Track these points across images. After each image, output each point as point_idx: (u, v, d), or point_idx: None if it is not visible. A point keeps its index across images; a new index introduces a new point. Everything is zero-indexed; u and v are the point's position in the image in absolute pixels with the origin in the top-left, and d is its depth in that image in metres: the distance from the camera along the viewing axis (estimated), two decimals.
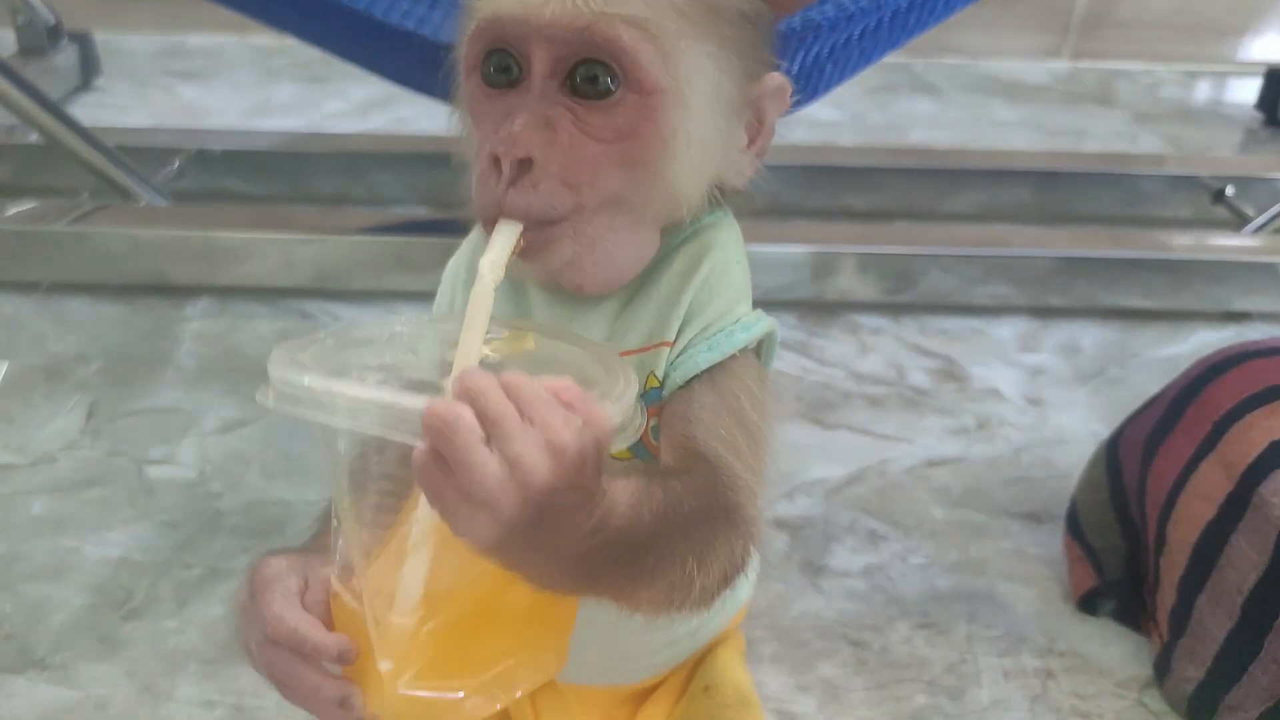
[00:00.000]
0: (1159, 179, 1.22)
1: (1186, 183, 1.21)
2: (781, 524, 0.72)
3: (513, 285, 0.40)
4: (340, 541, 0.33)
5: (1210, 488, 0.54)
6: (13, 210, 1.00)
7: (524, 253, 0.33)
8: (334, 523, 0.34)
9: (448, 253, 1.05)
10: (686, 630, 0.46)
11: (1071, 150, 1.43)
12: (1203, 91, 1.71)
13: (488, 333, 0.32)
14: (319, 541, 0.35)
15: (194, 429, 0.79)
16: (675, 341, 0.38)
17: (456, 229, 0.40)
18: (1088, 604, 0.65)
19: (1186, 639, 0.55)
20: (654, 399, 0.38)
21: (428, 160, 1.20)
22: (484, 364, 0.32)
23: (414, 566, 0.32)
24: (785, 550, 0.70)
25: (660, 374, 0.38)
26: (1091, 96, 1.66)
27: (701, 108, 0.35)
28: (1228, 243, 1.06)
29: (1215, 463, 0.54)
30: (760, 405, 0.38)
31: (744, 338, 0.38)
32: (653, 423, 0.38)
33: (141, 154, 1.10)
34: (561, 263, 0.35)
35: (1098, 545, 0.65)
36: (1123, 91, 1.69)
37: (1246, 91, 1.64)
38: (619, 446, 0.31)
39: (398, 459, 0.34)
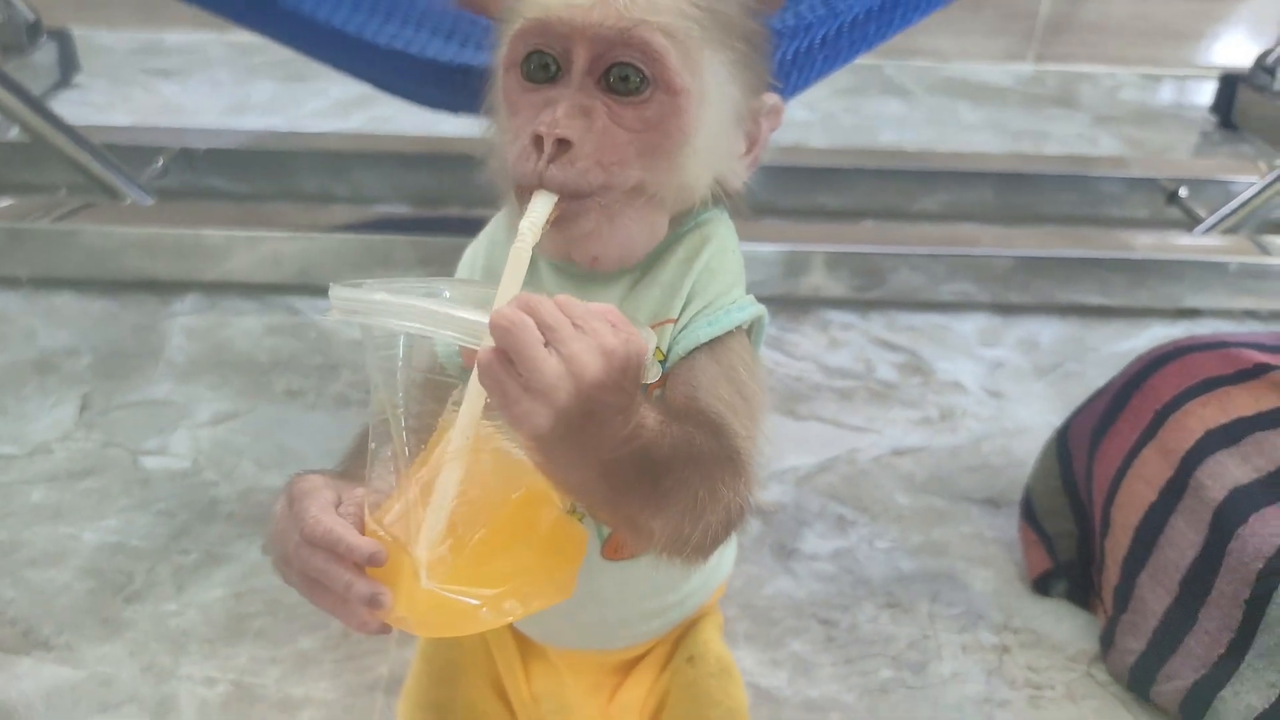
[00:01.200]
0: (1117, 180, 1.27)
1: (1143, 184, 1.26)
2: (754, 510, 0.76)
3: (531, 273, 0.43)
4: (377, 467, 0.36)
5: (1151, 473, 0.58)
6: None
7: (556, 221, 0.37)
8: (371, 447, 0.37)
9: (429, 249, 1.07)
10: (675, 598, 0.49)
11: (1034, 152, 1.48)
12: (1161, 94, 1.76)
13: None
14: (351, 470, 0.39)
15: (186, 421, 0.82)
16: (678, 319, 0.42)
17: (436, 226, 0.43)
18: (1041, 585, 0.69)
19: (1129, 614, 0.59)
20: (661, 370, 0.42)
21: (408, 159, 1.23)
22: None
23: (447, 480, 0.35)
24: (758, 534, 0.73)
25: (665, 348, 0.41)
26: (1054, 99, 1.71)
27: (715, 110, 0.39)
28: (1180, 242, 1.11)
29: (1155, 449, 0.58)
30: (754, 376, 0.42)
31: (739, 316, 0.42)
32: (658, 393, 0.41)
33: (126, 152, 1.12)
34: (586, 232, 0.39)
35: (1051, 530, 0.69)
36: (1084, 94, 1.74)
37: (1203, 94, 1.70)
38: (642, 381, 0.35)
39: (436, 393, 0.37)
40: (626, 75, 0.37)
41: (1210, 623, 0.54)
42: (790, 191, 1.24)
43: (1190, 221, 1.18)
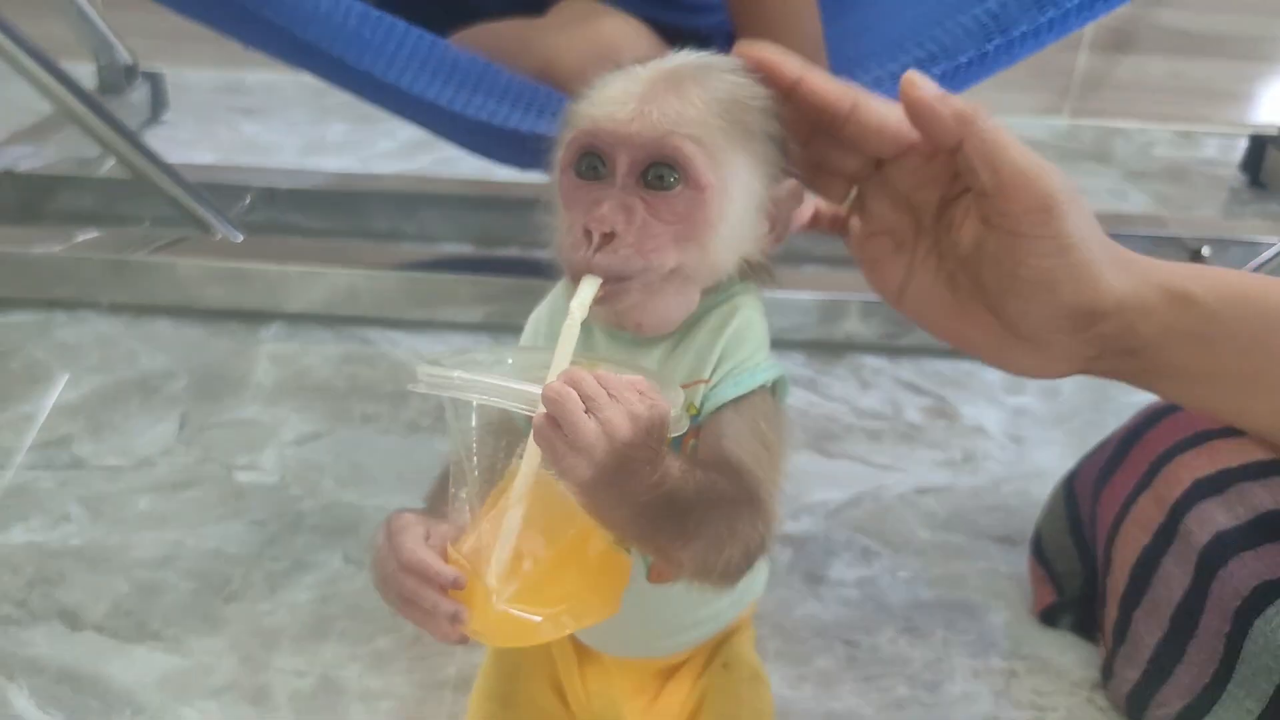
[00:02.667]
0: (1144, 238, 1.32)
1: (1169, 242, 1.32)
2: (786, 539, 0.83)
3: (584, 335, 0.51)
4: (455, 508, 0.45)
5: (1146, 518, 0.64)
6: (94, 238, 1.11)
7: (601, 299, 0.45)
8: (451, 491, 0.45)
9: (489, 288, 1.15)
10: (710, 613, 0.56)
11: None
12: (1193, 151, 1.81)
13: (573, 359, 0.44)
14: (435, 508, 0.48)
15: (274, 440, 0.90)
16: (710, 379, 0.49)
17: (497, 267, 0.50)
18: (1047, 617, 0.75)
19: (1126, 646, 0.65)
20: (694, 424, 0.49)
21: (471, 201, 1.32)
22: None
23: (512, 519, 0.43)
24: (789, 562, 0.80)
25: (698, 404, 0.49)
26: (1088, 154, 1.77)
27: (737, 201, 0.46)
28: None
29: (1150, 497, 0.64)
30: (776, 429, 0.49)
31: (763, 377, 0.49)
32: (692, 443, 0.49)
33: (216, 189, 1.22)
34: (629, 306, 0.46)
35: (1058, 568, 0.75)
36: (1118, 149, 1.80)
37: (1235, 153, 1.75)
38: (671, 434, 0.43)
39: (504, 445, 0.45)
40: (661, 175, 0.44)
41: (1197, 655, 0.60)
42: (827, 241, 1.30)
43: None
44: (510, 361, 0.47)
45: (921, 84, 0.47)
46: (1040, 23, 0.74)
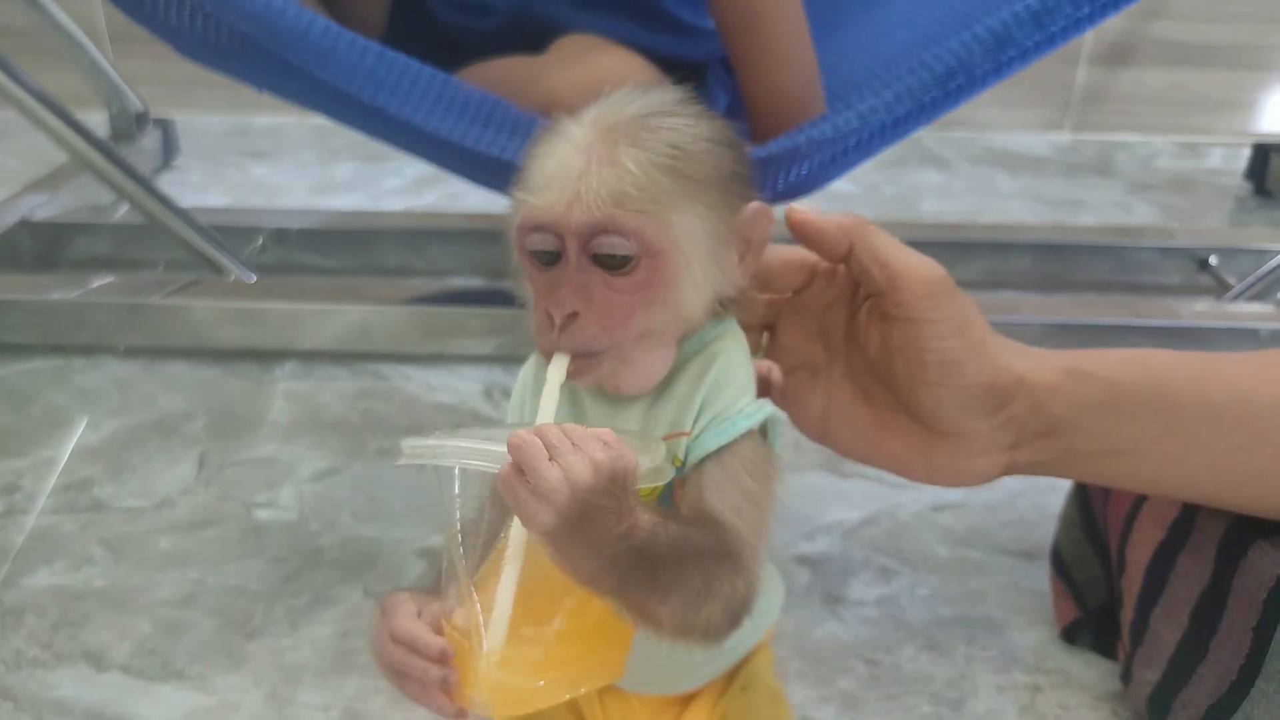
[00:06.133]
0: (1150, 249, 1.33)
1: (1176, 253, 1.32)
2: (804, 560, 0.83)
3: (570, 392, 0.51)
4: (449, 581, 0.46)
5: (1160, 514, 0.64)
6: (109, 283, 1.13)
7: (574, 374, 0.46)
8: (444, 564, 0.46)
9: (499, 320, 1.16)
10: (729, 645, 0.56)
11: (1070, 221, 1.55)
12: (1196, 162, 1.82)
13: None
14: (434, 589, 0.48)
15: (291, 477, 0.91)
16: (692, 430, 0.48)
17: (506, 299, 0.51)
18: (1069, 635, 0.74)
19: (1144, 648, 0.65)
20: (679, 475, 0.49)
21: (478, 235, 1.33)
22: None
23: (505, 581, 0.43)
24: (807, 583, 0.80)
25: (681, 455, 0.49)
26: (1091, 167, 1.78)
27: (696, 253, 0.46)
28: (1210, 308, 1.17)
29: None
30: (761, 478, 0.48)
31: (744, 425, 0.48)
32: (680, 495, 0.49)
33: (228, 231, 1.24)
34: (604, 376, 0.47)
35: (1079, 577, 0.75)
36: (1121, 162, 1.81)
37: (1238, 162, 1.76)
38: (651, 484, 0.43)
39: (499, 514, 0.46)
40: (612, 253, 0.44)
41: (1221, 651, 0.60)
42: None
43: (1220, 289, 1.24)
44: (495, 432, 0.47)
45: (802, 210, 0.54)
46: (1032, 43, 0.75)
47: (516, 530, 0.43)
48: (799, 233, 0.55)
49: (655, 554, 0.41)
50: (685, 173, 0.44)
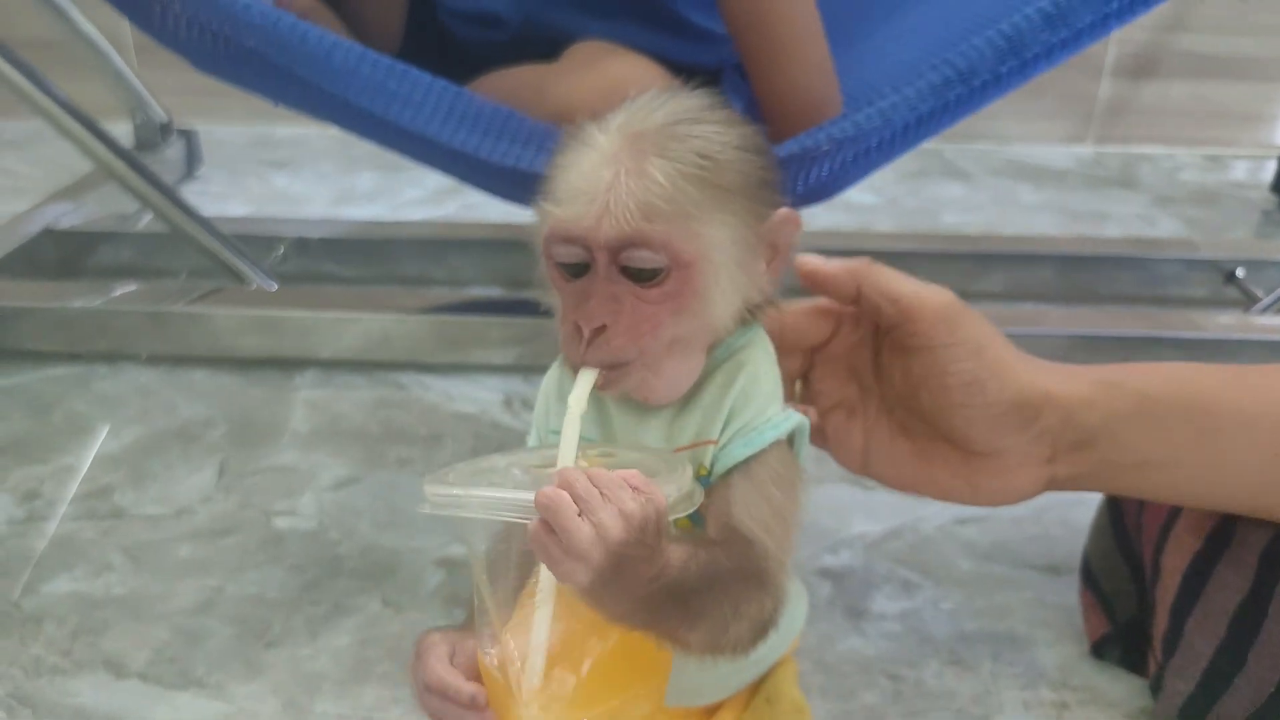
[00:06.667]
0: (1176, 261, 1.31)
1: (1202, 265, 1.31)
2: (826, 574, 0.82)
3: (595, 400, 0.51)
4: (481, 617, 0.46)
5: (1198, 521, 0.63)
6: (131, 291, 1.13)
7: (602, 386, 0.45)
8: (475, 602, 0.46)
9: (518, 329, 1.16)
10: (755, 658, 0.56)
11: (1093, 234, 1.53)
12: (1222, 175, 1.81)
13: (578, 450, 0.44)
14: (467, 623, 0.48)
15: (311, 485, 0.91)
16: (719, 439, 0.48)
17: (525, 308, 0.51)
18: (1098, 650, 0.73)
19: (1177, 658, 0.63)
20: (704, 485, 0.49)
21: (498, 245, 1.33)
22: None
23: (540, 622, 0.43)
24: (830, 596, 0.79)
25: (708, 464, 0.48)
26: (1114, 180, 1.77)
27: (725, 262, 0.45)
28: (1238, 321, 1.15)
29: None
30: (787, 489, 0.48)
31: (772, 435, 0.48)
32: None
33: (250, 240, 1.24)
34: (633, 386, 0.47)
35: (1109, 589, 0.73)
36: (1145, 175, 1.79)
37: (1265, 174, 1.74)
38: (682, 514, 0.43)
39: (524, 550, 0.46)
40: (642, 267, 0.44)
41: (1260, 661, 0.59)
42: None
43: (1248, 301, 1.23)
44: (518, 473, 0.46)
45: (810, 260, 0.57)
46: (1053, 42, 0.74)
47: (546, 575, 0.43)
48: (809, 282, 0.58)
49: (687, 588, 0.41)
50: (714, 182, 0.44)
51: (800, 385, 0.63)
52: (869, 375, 0.61)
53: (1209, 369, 0.58)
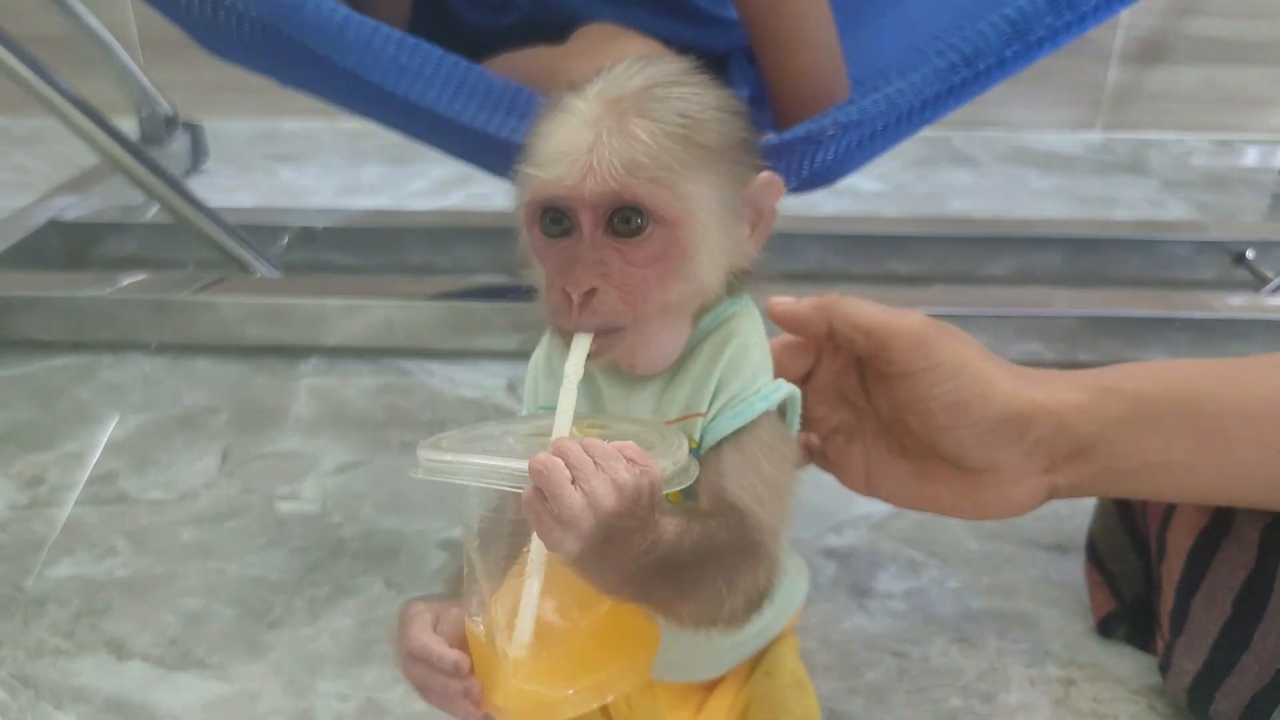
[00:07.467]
0: (1184, 243, 1.30)
1: (1211, 247, 1.30)
2: (831, 553, 0.81)
3: (585, 374, 0.50)
4: (470, 584, 0.45)
5: None
6: (137, 281, 1.14)
7: (595, 354, 0.44)
8: (465, 570, 0.45)
9: (525, 315, 1.16)
10: (752, 632, 0.55)
11: (1102, 217, 1.52)
12: (1231, 159, 1.79)
13: (573, 421, 0.43)
14: (452, 590, 0.48)
15: (314, 470, 0.91)
16: (707, 412, 0.48)
17: (530, 295, 0.50)
18: (1104, 627, 0.72)
19: (1184, 637, 0.62)
20: (694, 456, 0.48)
21: (503, 233, 1.33)
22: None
23: (529, 592, 0.43)
24: (835, 575, 0.79)
25: (697, 437, 0.48)
26: (1124, 166, 1.75)
27: (711, 222, 0.45)
28: (1247, 302, 1.14)
29: None
30: (779, 460, 0.47)
31: (761, 406, 0.47)
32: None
33: (255, 230, 1.24)
34: (623, 353, 0.46)
35: (1115, 568, 0.73)
36: (1154, 160, 1.78)
37: (1275, 158, 1.73)
38: (677, 487, 0.42)
39: (516, 520, 0.45)
40: (627, 219, 0.43)
41: (1266, 639, 0.58)
42: (863, 259, 1.30)
43: (1258, 282, 1.21)
44: (511, 441, 0.46)
45: (780, 301, 0.58)
46: (1058, 25, 0.73)
47: (538, 545, 0.42)
48: (781, 323, 0.58)
49: (679, 560, 0.40)
50: (696, 141, 0.44)
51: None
52: (860, 398, 0.61)
53: (1205, 366, 0.57)
